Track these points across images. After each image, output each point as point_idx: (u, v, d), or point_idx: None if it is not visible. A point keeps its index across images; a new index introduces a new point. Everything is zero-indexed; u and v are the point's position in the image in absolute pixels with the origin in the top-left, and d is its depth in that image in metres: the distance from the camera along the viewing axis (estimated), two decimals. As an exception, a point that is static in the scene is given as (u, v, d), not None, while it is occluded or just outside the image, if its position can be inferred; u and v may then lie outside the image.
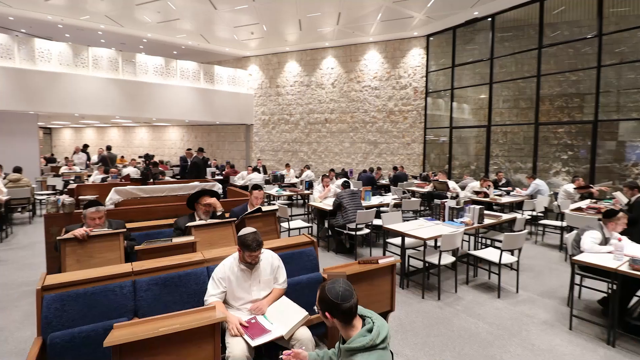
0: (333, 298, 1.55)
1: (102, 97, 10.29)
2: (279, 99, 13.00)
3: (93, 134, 18.72)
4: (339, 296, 1.56)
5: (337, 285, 1.60)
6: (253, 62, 13.32)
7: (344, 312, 1.54)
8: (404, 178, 9.60)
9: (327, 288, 1.60)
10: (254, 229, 2.45)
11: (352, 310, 1.56)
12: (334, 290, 1.59)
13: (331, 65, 11.94)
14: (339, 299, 1.55)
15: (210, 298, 2.33)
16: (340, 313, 1.55)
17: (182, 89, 11.60)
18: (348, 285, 1.63)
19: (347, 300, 1.56)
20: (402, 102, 11.03)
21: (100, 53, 10.34)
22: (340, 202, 5.40)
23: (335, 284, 1.60)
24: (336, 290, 1.59)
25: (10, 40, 9.14)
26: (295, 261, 2.93)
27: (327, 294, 1.57)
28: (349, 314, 1.56)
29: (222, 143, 14.85)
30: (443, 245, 3.85)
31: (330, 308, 1.55)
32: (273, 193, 7.42)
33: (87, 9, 9.01)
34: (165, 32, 10.76)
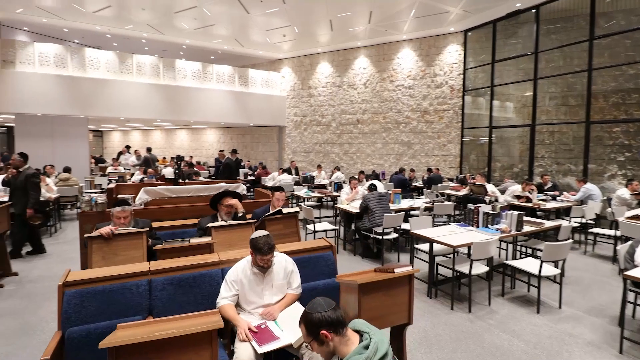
0: (320, 311, 1.46)
1: (144, 101, 10.89)
2: (310, 100, 13.02)
3: (139, 136, 19.94)
4: (324, 306, 1.48)
5: (315, 303, 1.54)
6: (286, 64, 13.47)
7: (336, 320, 1.45)
8: (439, 180, 9.20)
9: (309, 309, 1.53)
10: (266, 231, 2.40)
11: (342, 317, 1.48)
12: (315, 304, 1.53)
13: (363, 65, 11.75)
14: (325, 309, 1.47)
15: (222, 300, 2.31)
16: (333, 323, 1.45)
17: (217, 92, 11.98)
18: (327, 300, 1.56)
19: (332, 306, 1.50)
20: (438, 101, 10.59)
21: (144, 60, 10.95)
22: (366, 205, 5.25)
23: (313, 302, 1.54)
24: (318, 303, 1.53)
25: (64, 50, 9.94)
26: (312, 266, 2.85)
27: (312, 312, 1.49)
28: (340, 321, 1.48)
29: (256, 144, 15.15)
30: (474, 253, 3.58)
31: (320, 323, 1.45)
32: (301, 194, 7.40)
33: (131, 19, 9.58)
34: (202, 38, 11.18)
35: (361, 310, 2.01)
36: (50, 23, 9.74)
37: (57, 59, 9.83)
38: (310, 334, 1.45)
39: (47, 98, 9.65)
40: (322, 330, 1.42)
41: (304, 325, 1.49)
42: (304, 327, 1.49)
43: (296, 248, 2.89)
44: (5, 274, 4.34)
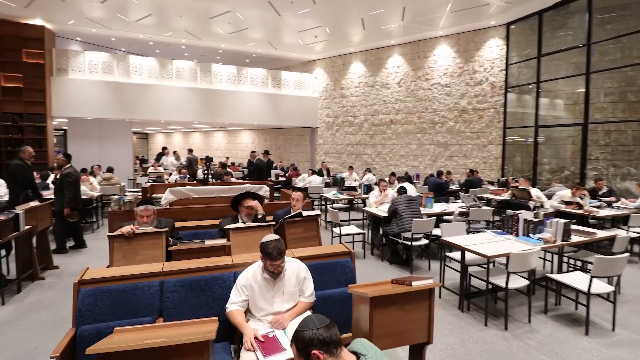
0: (312, 328, 1.31)
1: (183, 104, 11.34)
2: (343, 100, 12.87)
3: (180, 138, 20.92)
4: (316, 324, 1.33)
5: (307, 320, 1.39)
6: (318, 65, 13.43)
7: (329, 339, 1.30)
8: (478, 184, 8.65)
9: (300, 326, 1.38)
10: (276, 236, 2.30)
11: (336, 336, 1.33)
12: (307, 321, 1.38)
13: (397, 64, 11.40)
14: (318, 326, 1.32)
15: (231, 306, 2.24)
16: (325, 342, 1.29)
17: (251, 94, 12.20)
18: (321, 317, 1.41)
19: (326, 324, 1.35)
20: (477, 100, 9.99)
21: (182, 65, 11.42)
22: (395, 208, 5.01)
23: (305, 319, 1.40)
24: (310, 320, 1.38)
25: (111, 58, 10.61)
26: (329, 272, 2.71)
27: (303, 329, 1.34)
28: (334, 341, 1.33)
29: (289, 146, 15.26)
30: (512, 265, 3.24)
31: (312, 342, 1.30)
32: (329, 196, 7.27)
33: (170, 26, 10.01)
34: (237, 42, 11.44)
35: (373, 325, 1.84)
36: (99, 33, 10.45)
37: (104, 66, 10.52)
38: (301, 353, 1.31)
39: (95, 103, 10.36)
40: (313, 349, 1.28)
41: (294, 344, 1.36)
42: (294, 346, 1.36)
43: (312, 253, 2.77)
44: (48, 267, 4.63)
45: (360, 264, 5.15)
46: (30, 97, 9.66)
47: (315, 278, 2.61)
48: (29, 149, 5.63)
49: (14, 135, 9.70)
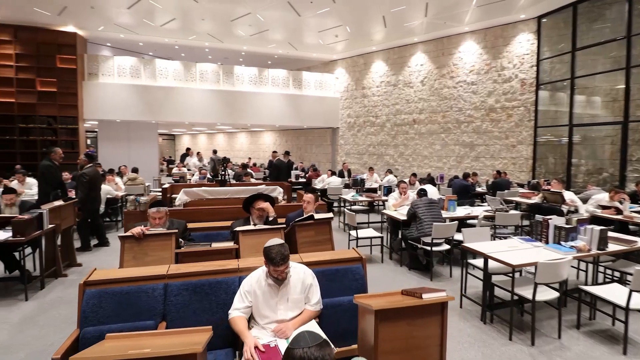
0: (303, 346, 1.20)
1: (206, 106, 11.56)
2: (364, 100, 12.67)
3: (205, 139, 21.42)
4: (308, 342, 1.21)
5: (299, 337, 1.27)
6: (340, 65, 13.30)
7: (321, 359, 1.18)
8: (506, 186, 8.22)
9: (291, 344, 1.26)
10: (281, 240, 2.21)
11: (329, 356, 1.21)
12: (298, 338, 1.27)
13: (420, 62, 11.07)
14: (310, 344, 1.20)
15: (233, 312, 2.17)
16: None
17: (272, 95, 12.25)
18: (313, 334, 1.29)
19: (319, 342, 1.23)
20: (506, 98, 9.51)
21: (205, 68, 11.64)
22: (414, 211, 4.81)
23: (297, 336, 1.29)
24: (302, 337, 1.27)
25: (138, 62, 10.98)
26: (339, 279, 2.59)
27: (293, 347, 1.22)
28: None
29: (310, 146, 15.22)
30: (540, 275, 2.98)
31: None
32: (348, 198, 7.13)
33: (194, 30, 10.22)
34: (258, 44, 11.52)
35: (379, 340, 1.70)
36: (127, 38, 10.83)
37: (132, 70, 10.90)
38: None
39: (124, 106, 10.75)
40: None
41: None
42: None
43: (321, 258, 2.65)
44: (71, 264, 4.78)
45: (378, 269, 4.99)
46: (63, 101, 10.15)
47: (324, 285, 2.50)
48: (59, 150, 5.87)
49: (48, 137, 10.22)
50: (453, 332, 3.23)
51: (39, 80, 9.94)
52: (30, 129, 10.04)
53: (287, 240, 3.32)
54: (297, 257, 2.67)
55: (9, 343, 2.98)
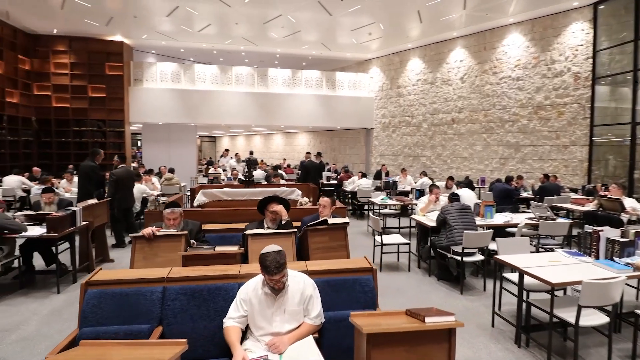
0: None
1: (241, 108, 11.82)
2: (400, 100, 12.23)
3: (243, 140, 22.05)
4: None
5: None
6: (374, 64, 12.97)
7: None
8: (555, 191, 7.45)
9: None
10: (278, 247, 2.07)
11: None
12: None
13: (460, 58, 10.44)
14: None
15: (227, 321, 2.07)
16: None
17: (306, 97, 12.23)
18: None
19: None
20: (557, 94, 8.65)
21: (241, 71, 11.90)
22: (444, 218, 4.45)
23: None
24: None
25: (179, 68, 11.49)
26: (346, 291, 2.39)
27: None
28: None
29: (344, 148, 15.02)
30: (585, 296, 2.56)
31: None
32: (376, 201, 6.84)
33: (229, 34, 10.48)
34: (292, 46, 11.56)
35: (371, 368, 1.50)
36: (169, 45, 11.38)
37: (173, 75, 11.44)
38: None
39: (165, 109, 11.30)
40: None
41: None
42: None
43: (328, 267, 2.47)
44: (104, 260, 5.02)
45: (404, 278, 4.69)
46: (111, 105, 10.88)
47: (329, 296, 2.33)
48: (101, 152, 6.25)
49: (98, 139, 11.01)
50: (482, 355, 2.90)
51: (90, 86, 10.75)
52: (83, 131, 10.88)
53: (300, 245, 3.19)
54: (302, 264, 2.51)
55: (34, 335, 3.13)
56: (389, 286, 4.38)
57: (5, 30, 9.26)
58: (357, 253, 5.61)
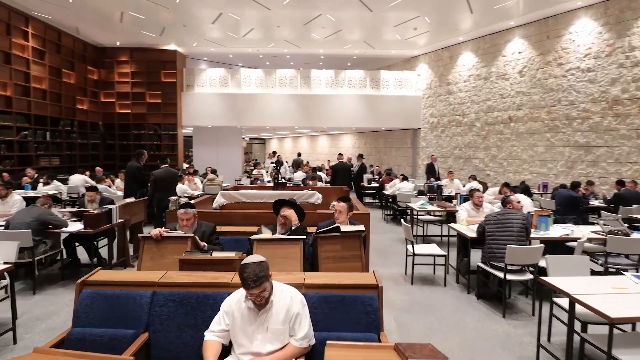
0: None
1: (284, 110, 11.94)
2: (449, 98, 11.41)
3: (290, 142, 22.40)
4: None
5: None
6: (422, 61, 12.28)
7: None
8: (635, 200, 6.33)
9: None
10: (261, 257, 1.87)
11: None
12: None
13: (518, 49, 9.41)
14: None
15: (208, 334, 1.92)
16: None
17: (349, 97, 11.98)
18: None
19: None
20: (637, 86, 7.36)
21: (284, 74, 12.03)
22: (484, 227, 3.93)
23: None
24: None
25: (226, 73, 11.95)
26: (346, 309, 2.12)
27: None
28: None
29: (389, 149, 14.46)
30: (657, 338, 1.99)
31: None
32: (415, 207, 6.36)
33: (272, 38, 10.62)
34: (334, 46, 11.39)
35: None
36: (218, 51, 11.89)
37: (221, 80, 11.93)
38: None
39: (213, 113, 11.83)
40: None
41: None
42: None
43: (328, 281, 2.23)
44: (141, 256, 5.26)
45: (439, 294, 4.22)
46: (166, 110, 11.65)
47: (325, 314, 2.09)
48: (145, 153, 6.65)
49: (155, 141, 11.85)
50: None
51: (148, 93, 11.61)
52: (141, 134, 11.79)
53: (313, 254, 2.96)
54: (300, 276, 2.29)
55: (61, 325, 3.30)
56: (419, 302, 3.98)
57: (77, 44, 10.37)
58: (389, 262, 5.27)
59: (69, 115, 10.19)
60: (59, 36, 9.66)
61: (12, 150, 8.30)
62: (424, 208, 6.29)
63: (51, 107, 9.42)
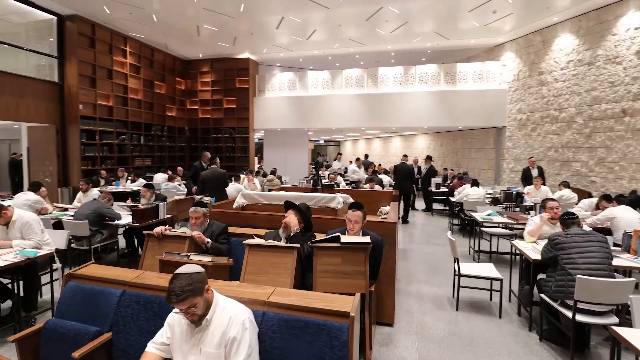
0: None
1: (349, 111, 11.65)
2: (542, 89, 9.65)
3: (363, 144, 21.94)
4: None
5: None
6: (508, 49, 10.66)
7: None
8: None
9: None
10: (197, 268, 1.66)
11: None
12: None
13: (634, 24, 7.40)
14: None
15: (149, 345, 1.79)
16: None
17: (420, 94, 11.10)
18: None
19: None
20: None
21: (351, 74, 11.74)
22: (551, 248, 3.06)
23: None
24: None
25: (294, 76, 12.20)
26: (309, 339, 1.78)
27: None
28: None
29: (468, 151, 12.96)
30: None
31: None
32: (478, 217, 5.43)
33: (337, 37, 10.41)
34: (403, 40, 10.66)
35: None
36: (287, 56, 12.22)
37: (289, 83, 12.23)
38: None
39: (282, 116, 12.19)
40: None
41: None
42: None
43: (294, 301, 1.90)
44: (188, 250, 5.57)
45: (490, 327, 3.44)
46: (240, 115, 12.43)
47: (284, 340, 1.80)
48: (207, 154, 7.10)
49: (230, 144, 12.74)
50: None
51: (225, 99, 12.55)
52: (219, 138, 12.79)
53: (313, 265, 2.64)
54: (268, 291, 2.01)
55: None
56: (460, 334, 3.30)
57: (167, 59, 11.76)
58: (437, 280, 4.57)
59: (160, 121, 11.60)
60: (152, 52, 11.08)
61: (112, 152, 9.77)
62: (489, 219, 5.32)
63: (145, 114, 10.84)
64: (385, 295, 3.39)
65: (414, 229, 7.84)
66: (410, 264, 5.34)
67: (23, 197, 4.74)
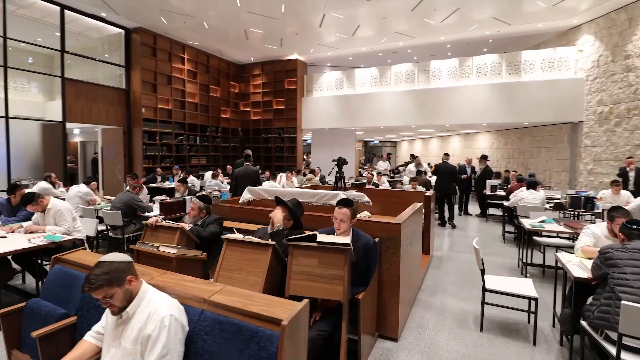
0: None
1: (398, 108, 11.10)
2: (629, 76, 8.07)
3: (420, 144, 20.80)
4: None
5: None
6: (585, 31, 9.13)
7: None
8: None
9: None
10: (124, 257, 1.60)
11: None
12: None
13: None
14: None
15: (87, 334, 1.77)
16: None
17: (477, 88, 10.10)
18: None
19: None
20: None
21: (400, 69, 11.17)
22: (600, 264, 2.46)
23: None
24: None
25: (341, 75, 12.02)
26: (240, 346, 1.61)
27: None
28: None
29: (537, 150, 11.42)
30: None
31: None
32: (527, 224, 4.66)
33: (383, 32, 9.96)
34: (457, 29, 9.80)
35: None
36: (335, 55, 12.09)
37: (337, 82, 12.09)
38: None
39: (330, 115, 12.10)
40: None
41: None
42: None
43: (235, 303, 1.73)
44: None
45: (521, 355, 2.89)
46: (288, 115, 12.65)
47: (216, 344, 1.68)
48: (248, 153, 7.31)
49: (278, 144, 13.04)
50: None
51: (274, 100, 12.88)
52: (269, 138, 13.17)
53: (288, 264, 2.47)
54: (210, 288, 1.88)
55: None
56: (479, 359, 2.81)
57: (222, 64, 12.46)
58: (467, 294, 4.05)
59: (215, 123, 12.33)
60: (208, 58, 11.83)
61: (170, 152, 10.63)
62: (540, 227, 4.53)
63: (201, 116, 11.62)
64: (388, 305, 3.04)
65: (460, 236, 7.11)
66: (441, 272, 4.80)
67: (75, 189, 5.32)
